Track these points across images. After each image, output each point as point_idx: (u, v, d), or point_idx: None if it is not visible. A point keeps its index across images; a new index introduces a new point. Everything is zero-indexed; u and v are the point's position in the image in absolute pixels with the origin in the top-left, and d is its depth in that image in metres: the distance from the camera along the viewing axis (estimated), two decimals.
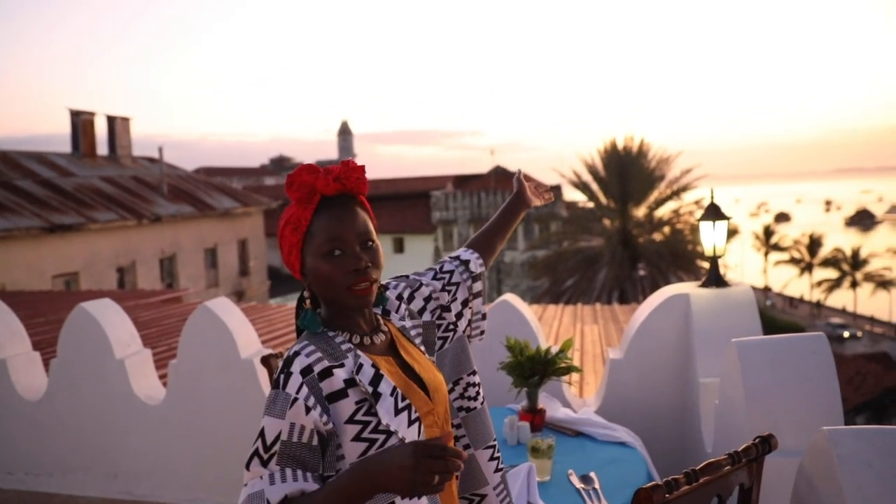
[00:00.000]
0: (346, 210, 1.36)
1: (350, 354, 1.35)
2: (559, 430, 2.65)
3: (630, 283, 22.87)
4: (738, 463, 1.59)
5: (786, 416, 2.08)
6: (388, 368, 1.38)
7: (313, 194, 1.35)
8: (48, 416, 3.97)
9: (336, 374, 1.30)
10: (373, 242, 1.37)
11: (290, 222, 1.36)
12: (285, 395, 1.26)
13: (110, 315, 3.85)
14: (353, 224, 1.35)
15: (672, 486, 1.44)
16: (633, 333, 3.26)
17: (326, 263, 1.33)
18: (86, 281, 18.32)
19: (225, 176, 42.94)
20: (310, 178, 1.34)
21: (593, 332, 6.87)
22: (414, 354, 1.47)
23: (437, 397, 1.43)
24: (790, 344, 2.20)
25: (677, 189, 24.36)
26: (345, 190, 1.37)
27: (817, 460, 1.54)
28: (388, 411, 1.31)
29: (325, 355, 1.32)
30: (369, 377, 1.33)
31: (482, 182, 36.47)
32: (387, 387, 1.33)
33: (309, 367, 1.28)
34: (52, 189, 19.71)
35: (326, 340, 1.36)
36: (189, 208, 22.95)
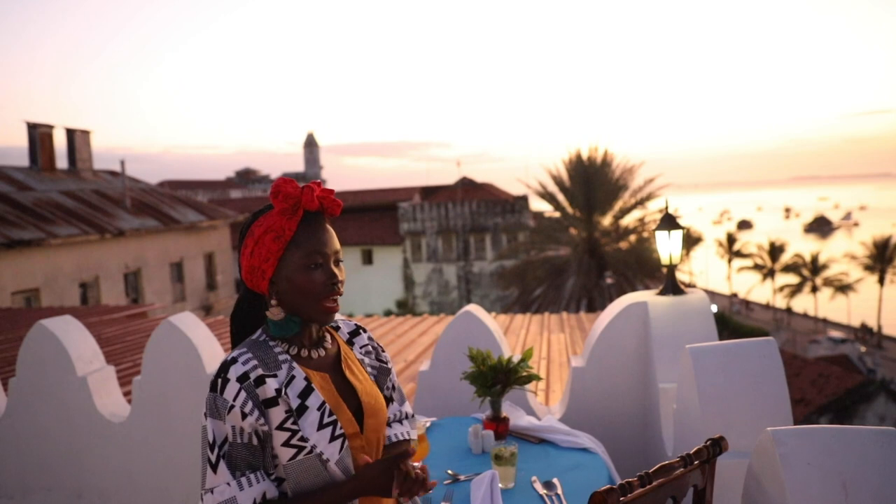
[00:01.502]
0: (326, 227, 1.45)
1: (285, 366, 1.41)
2: (523, 437, 2.70)
3: (598, 291, 23.10)
4: (691, 465, 1.65)
5: (737, 419, 2.16)
6: (322, 384, 1.44)
7: (297, 207, 1.41)
8: (7, 437, 3.90)
9: (269, 382, 1.36)
10: (341, 261, 1.47)
11: (272, 230, 1.40)
12: (223, 400, 1.34)
13: (71, 331, 3.80)
14: (332, 241, 1.44)
15: (626, 488, 1.50)
16: (595, 341, 3.33)
17: (306, 275, 1.40)
18: (47, 297, 17.90)
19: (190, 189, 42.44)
20: (295, 191, 1.40)
21: (560, 340, 6.95)
22: (359, 376, 1.53)
23: (370, 423, 1.48)
24: (741, 349, 2.28)
25: (641, 198, 24.71)
26: (323, 208, 1.44)
27: (763, 460, 1.60)
28: (312, 425, 1.37)
29: (260, 364, 1.38)
30: (299, 389, 1.39)
31: (449, 193, 36.58)
32: (315, 401, 1.40)
33: (245, 375, 1.35)
34: (9, 204, 19.23)
35: (265, 350, 1.42)
36: (153, 222, 22.60)
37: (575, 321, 8.39)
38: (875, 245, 45.38)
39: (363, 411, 1.48)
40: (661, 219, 3.33)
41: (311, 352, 1.47)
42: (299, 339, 1.46)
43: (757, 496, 1.64)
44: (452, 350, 3.27)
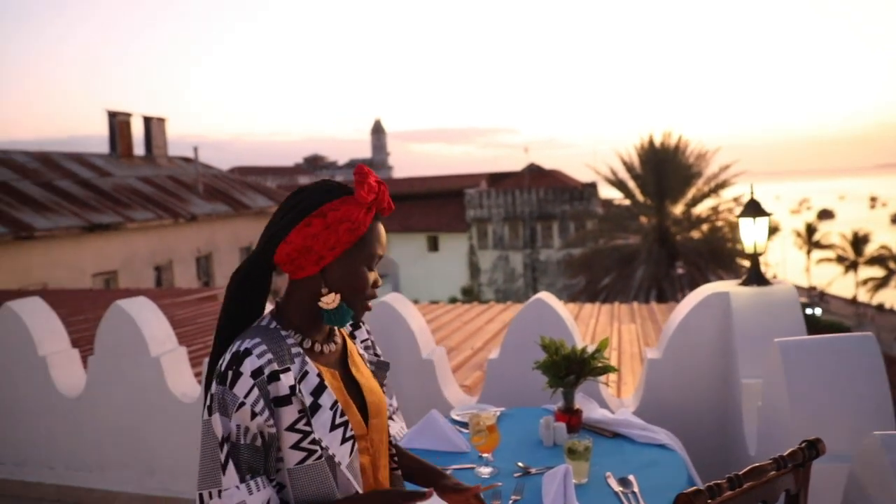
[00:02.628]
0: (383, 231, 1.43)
1: (298, 360, 1.33)
2: (596, 431, 2.58)
3: (668, 281, 22.53)
4: (784, 468, 1.51)
5: (832, 420, 1.99)
6: (332, 381, 1.37)
7: (373, 205, 1.37)
8: (86, 413, 4.04)
9: (283, 379, 1.28)
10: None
11: (348, 220, 1.33)
12: (233, 395, 1.24)
13: (146, 313, 3.89)
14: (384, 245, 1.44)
15: (714, 491, 1.38)
16: (672, 332, 3.17)
17: (363, 273, 1.37)
18: (124, 279, 18.67)
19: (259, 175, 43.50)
20: (376, 186, 1.36)
21: (631, 331, 6.75)
22: (364, 372, 1.48)
23: (374, 423, 1.43)
24: (836, 344, 2.10)
25: (715, 186, 23.92)
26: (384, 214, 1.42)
27: (868, 466, 1.46)
28: (325, 425, 1.31)
29: (275, 357, 1.28)
30: (312, 386, 1.32)
31: (516, 180, 36.28)
32: (328, 399, 1.33)
33: (260, 370, 1.25)
34: (91, 189, 20.12)
35: (278, 340, 1.32)
36: (224, 207, 23.25)
37: (646, 312, 8.16)
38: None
39: (368, 410, 1.42)
40: (745, 205, 3.13)
41: (324, 346, 1.40)
42: (314, 331, 1.39)
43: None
44: (523, 338, 3.17)
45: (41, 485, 4.24)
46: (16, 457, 4.31)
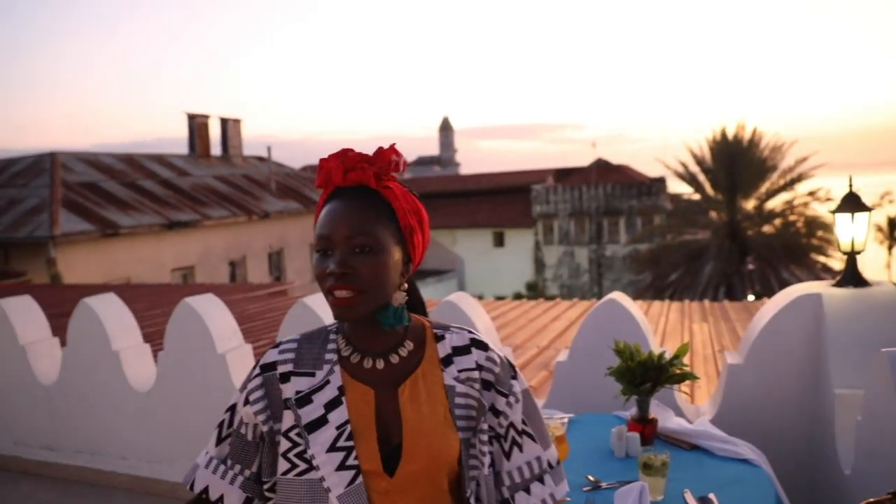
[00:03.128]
0: (346, 205, 1.16)
1: (326, 367, 1.19)
2: (672, 442, 2.42)
3: (738, 277, 21.73)
4: None
5: None
6: (360, 400, 1.18)
7: (328, 183, 1.18)
8: (156, 407, 4.10)
9: (293, 382, 1.19)
10: (370, 248, 1.14)
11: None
12: (248, 377, 1.23)
13: (213, 310, 3.92)
14: (346, 223, 1.14)
15: None
16: (756, 336, 2.95)
17: (315, 260, 1.16)
18: (201, 274, 19.30)
19: None
20: (330, 165, 1.18)
21: (703, 330, 6.46)
22: (425, 407, 1.18)
23: (408, 469, 1.16)
24: None
25: (791, 179, 22.89)
26: (361, 182, 1.17)
27: None
28: (324, 444, 1.15)
29: (298, 358, 1.21)
30: (327, 399, 1.17)
31: (583, 175, 35.70)
32: (338, 417, 1.16)
33: (272, 365, 1.21)
34: (170, 188, 20.89)
35: (319, 343, 1.23)
36: (295, 204, 23.75)
37: (718, 310, 7.81)
38: None
39: (402, 452, 1.16)
40: (842, 199, 2.87)
41: (365, 359, 1.20)
42: (364, 339, 1.21)
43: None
44: (594, 341, 3.01)
45: (115, 474, 4.35)
46: (93, 447, 4.43)
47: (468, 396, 1.20)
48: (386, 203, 1.18)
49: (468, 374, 1.22)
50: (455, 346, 1.24)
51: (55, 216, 15.97)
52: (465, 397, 1.20)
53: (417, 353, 1.22)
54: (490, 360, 1.23)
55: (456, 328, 1.27)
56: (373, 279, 1.13)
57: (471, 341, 1.24)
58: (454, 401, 1.19)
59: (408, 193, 1.22)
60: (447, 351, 1.23)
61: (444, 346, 1.24)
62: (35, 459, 4.66)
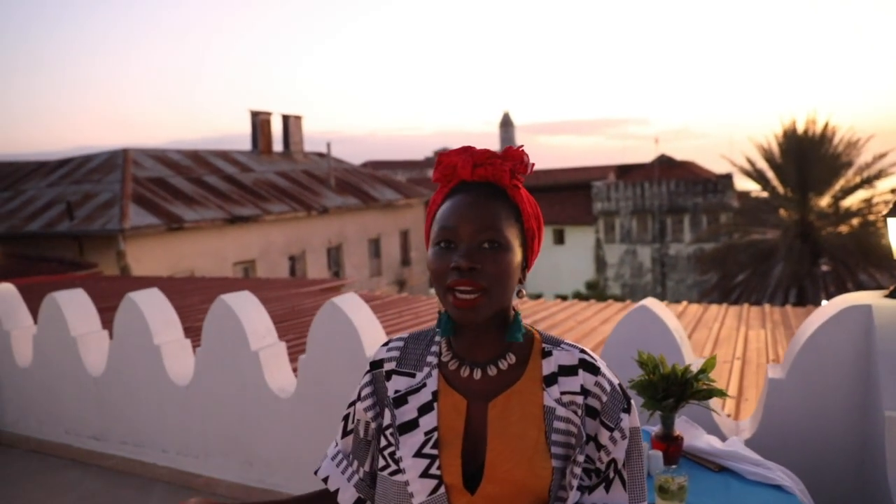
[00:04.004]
0: (474, 199, 1.11)
1: (426, 369, 1.17)
2: (699, 462, 2.27)
3: (810, 280, 20.77)
4: None
5: None
6: (452, 409, 1.12)
7: (453, 177, 1.16)
8: (194, 402, 4.17)
9: (394, 381, 1.18)
10: (499, 245, 1.08)
11: (428, 205, 1.20)
12: (365, 374, 1.24)
13: (248, 307, 3.95)
14: (476, 215, 1.09)
15: None
16: (800, 349, 2.74)
17: (435, 254, 1.11)
18: (261, 268, 19.74)
19: (390, 169, 44.60)
20: (455, 160, 1.15)
21: (759, 337, 6.15)
22: (515, 427, 1.10)
23: (489, 490, 1.07)
24: None
25: (868, 176, 21.73)
26: (487, 178, 1.13)
27: None
28: (412, 447, 1.12)
29: (403, 357, 1.20)
30: (421, 402, 1.15)
31: (645, 172, 34.90)
32: (429, 423, 1.12)
33: (380, 362, 1.21)
34: (233, 184, 21.44)
35: (423, 344, 1.21)
36: (354, 200, 24.02)
37: (779, 315, 7.45)
38: None
39: (484, 472, 1.09)
40: (894, 202, 2.65)
41: (462, 367, 1.14)
42: (460, 345, 1.16)
43: None
44: (624, 350, 2.86)
45: (155, 466, 4.45)
46: (136, 438, 4.54)
47: (569, 422, 1.10)
48: (512, 203, 1.14)
49: (571, 398, 1.11)
50: (562, 364, 1.14)
51: (125, 210, 16.60)
52: (565, 422, 1.10)
53: (519, 368, 1.14)
54: (598, 386, 1.11)
55: (567, 345, 1.17)
56: (499, 278, 1.07)
57: (580, 361, 1.13)
58: (552, 425, 1.09)
59: (531, 197, 1.19)
60: (552, 369, 1.13)
61: (549, 363, 1.14)
62: (84, 448, 4.82)
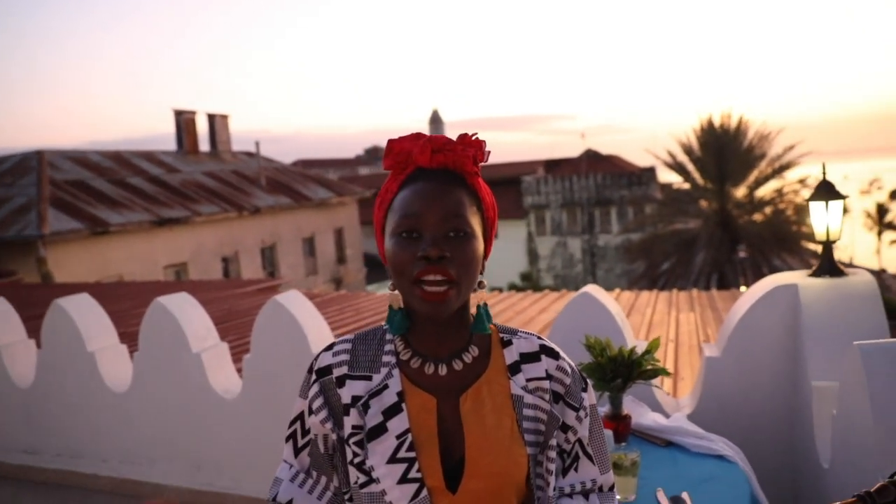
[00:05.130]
0: (438, 186, 1.07)
1: (384, 370, 1.10)
2: (646, 438, 2.38)
3: (730, 265, 21.79)
4: None
5: None
6: (421, 408, 1.09)
7: (408, 164, 1.11)
8: (134, 408, 4.05)
9: (349, 385, 1.10)
10: (465, 233, 1.05)
11: (379, 194, 1.14)
12: (305, 383, 1.16)
13: (186, 309, 3.86)
14: (441, 203, 1.05)
15: None
16: (733, 328, 2.90)
17: (397, 244, 1.05)
18: (194, 270, 19.22)
19: (321, 167, 44.07)
20: (408, 145, 1.10)
21: (690, 320, 6.43)
22: (489, 419, 1.09)
23: (471, 486, 1.07)
24: None
25: (779, 167, 22.93)
26: (447, 164, 1.09)
27: None
28: (383, 454, 1.06)
29: (354, 360, 1.12)
30: (386, 405, 1.08)
31: (573, 166, 35.71)
32: (398, 426, 1.07)
33: (328, 368, 1.13)
34: (159, 185, 20.76)
35: (375, 344, 1.14)
36: (286, 199, 23.64)
37: (706, 299, 7.79)
38: None
39: (465, 467, 1.07)
40: (816, 186, 2.82)
41: (427, 364, 1.11)
42: (419, 341, 1.12)
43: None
44: (569, 336, 2.96)
45: (97, 477, 4.29)
46: (72, 450, 4.37)
47: (537, 408, 1.11)
48: (472, 191, 1.11)
49: (537, 384, 1.13)
50: (523, 352, 1.15)
51: (43, 214, 15.84)
52: (534, 409, 1.11)
53: (483, 360, 1.13)
54: (560, 370, 1.14)
55: (524, 333, 1.18)
56: (467, 267, 1.05)
57: (540, 348, 1.16)
58: (522, 412, 1.10)
59: (488, 186, 1.15)
60: (514, 358, 1.14)
61: (511, 352, 1.15)
62: (16, 464, 4.60)
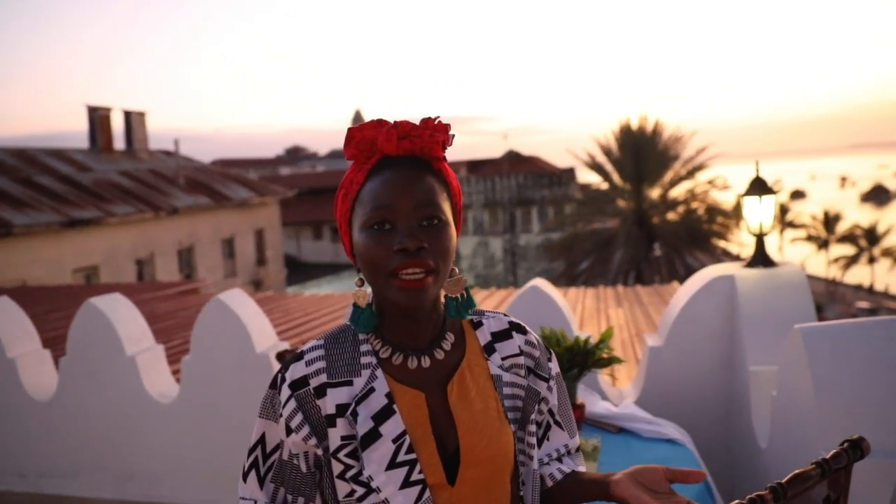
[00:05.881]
0: (407, 174, 1.04)
1: (366, 372, 1.05)
2: (600, 426, 2.45)
3: (646, 263, 22.63)
4: (830, 473, 1.37)
5: (862, 413, 1.86)
6: (412, 406, 1.05)
7: (373, 153, 1.06)
8: (59, 417, 3.84)
9: (331, 394, 1.03)
10: (439, 221, 1.03)
11: (342, 186, 1.09)
12: (279, 401, 1.06)
13: (120, 310, 3.70)
14: (413, 192, 1.02)
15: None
16: (674, 319, 3.03)
17: (369, 238, 1.01)
18: (106, 274, 18.33)
19: (241, 167, 42.95)
20: (372, 133, 1.05)
21: (619, 315, 6.65)
22: (476, 403, 1.08)
23: (468, 475, 1.05)
24: (862, 330, 1.97)
25: (692, 168, 24.03)
26: (414, 151, 1.05)
27: None
28: (381, 461, 1.01)
29: (331, 366, 1.05)
30: (374, 409, 1.03)
31: (495, 167, 36.19)
32: (393, 429, 1.02)
33: (304, 380, 1.04)
34: (70, 184, 19.71)
35: (349, 346, 1.08)
36: (206, 200, 22.91)
37: (633, 295, 8.08)
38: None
39: (460, 456, 1.05)
40: (750, 183, 3.00)
41: (409, 358, 1.07)
42: (396, 336, 1.08)
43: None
44: None
45: (11, 493, 4.03)
46: None
47: (515, 385, 1.11)
48: (441, 176, 1.08)
49: (513, 361, 1.13)
50: (494, 331, 1.14)
51: None
52: (512, 387, 1.11)
53: (459, 345, 1.11)
54: (529, 344, 1.15)
55: (490, 312, 1.18)
56: (444, 255, 1.02)
57: (510, 325, 1.16)
58: (503, 392, 1.10)
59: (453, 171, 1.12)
60: (487, 338, 1.13)
61: (483, 333, 1.14)
62: None
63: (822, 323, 2.06)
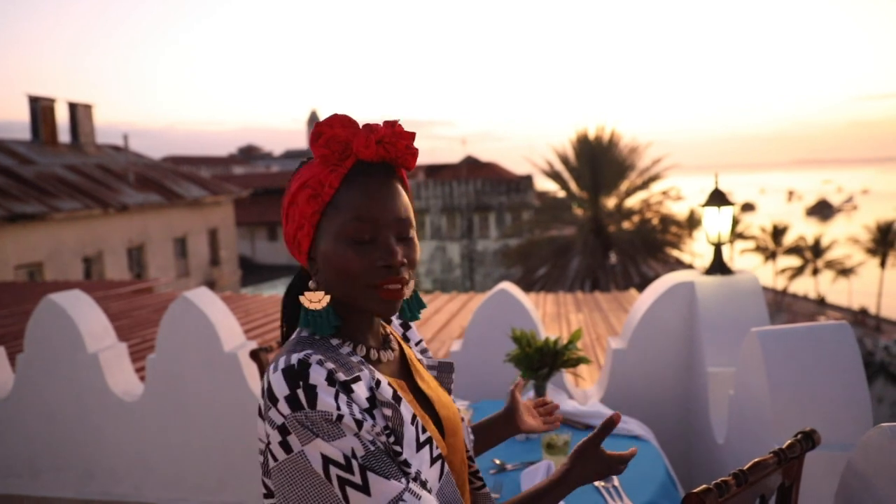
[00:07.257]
0: (388, 185, 1.03)
1: (364, 370, 1.04)
2: (569, 423, 2.54)
3: (602, 271, 23.02)
4: (787, 461, 1.49)
5: (814, 409, 2.00)
6: (404, 394, 1.10)
7: (346, 156, 1.03)
8: (15, 415, 3.75)
9: (356, 389, 0.99)
10: (411, 236, 1.05)
11: (308, 185, 1.03)
12: (322, 413, 0.93)
13: (81, 307, 3.64)
14: (394, 206, 1.03)
15: (723, 489, 1.34)
16: (637, 323, 3.16)
17: (349, 250, 1.00)
18: (51, 271, 17.78)
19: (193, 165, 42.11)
20: (345, 134, 1.02)
21: (579, 320, 6.80)
22: (430, 383, 1.18)
23: (451, 443, 1.14)
24: (814, 333, 2.11)
25: (647, 179, 24.55)
26: (387, 158, 1.04)
27: (878, 457, 1.44)
28: (410, 444, 1.02)
29: (336, 365, 1.00)
30: (388, 397, 1.03)
31: (454, 172, 36.38)
32: (407, 412, 1.04)
33: (331, 378, 0.96)
34: (11, 177, 19.04)
35: (329, 349, 1.03)
36: (157, 197, 22.41)
37: (592, 301, 8.26)
38: (878, 229, 45.27)
39: (443, 429, 1.13)
40: (710, 194, 3.14)
41: (382, 353, 1.11)
42: (364, 336, 1.10)
43: (863, 496, 1.47)
44: (486, 330, 3.10)
45: None
46: None
47: (433, 366, 1.24)
48: (404, 184, 1.09)
49: (421, 348, 1.27)
50: (400, 323, 1.27)
51: None
52: (431, 367, 1.23)
53: (396, 341, 1.19)
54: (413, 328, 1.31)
55: None
56: (415, 266, 1.06)
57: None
58: (430, 372, 1.23)
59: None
60: (399, 331, 1.26)
61: (395, 326, 1.26)
62: None
63: (776, 327, 2.20)
